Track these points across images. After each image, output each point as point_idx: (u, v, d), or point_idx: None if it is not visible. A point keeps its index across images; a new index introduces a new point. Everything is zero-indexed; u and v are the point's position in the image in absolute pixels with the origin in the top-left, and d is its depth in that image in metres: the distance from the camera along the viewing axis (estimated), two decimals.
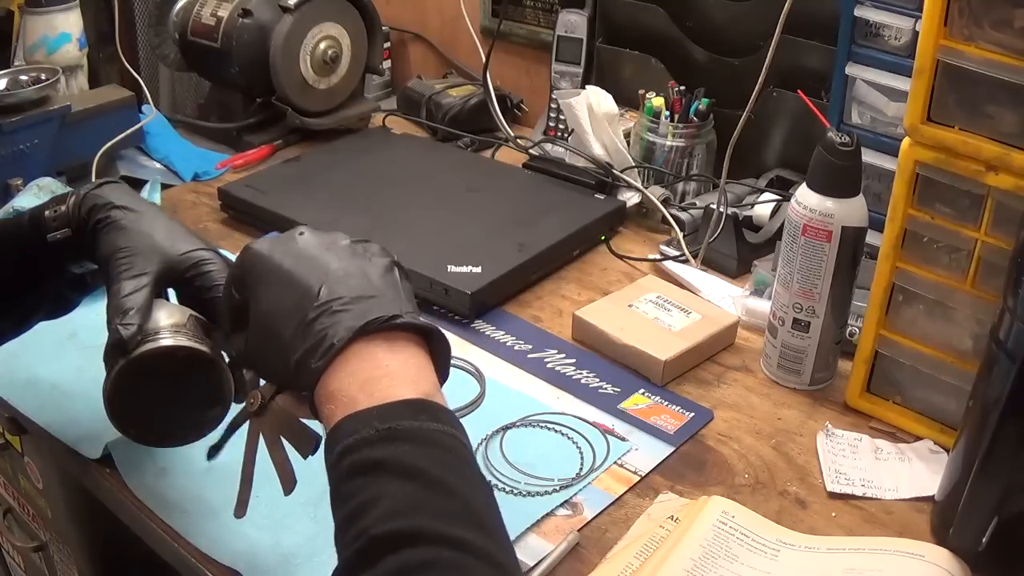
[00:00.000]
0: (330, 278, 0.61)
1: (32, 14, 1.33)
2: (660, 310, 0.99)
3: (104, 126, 1.26)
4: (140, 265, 0.71)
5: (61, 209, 0.75)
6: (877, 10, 0.95)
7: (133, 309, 0.69)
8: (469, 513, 0.52)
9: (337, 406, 0.56)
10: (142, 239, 0.72)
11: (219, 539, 0.74)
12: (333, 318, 0.59)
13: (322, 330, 0.58)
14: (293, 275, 0.61)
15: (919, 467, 0.82)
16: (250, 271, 0.63)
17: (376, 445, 0.53)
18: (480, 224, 1.14)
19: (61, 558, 1.10)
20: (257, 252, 0.63)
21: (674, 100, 1.24)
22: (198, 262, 0.73)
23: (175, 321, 0.70)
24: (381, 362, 0.58)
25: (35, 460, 1.02)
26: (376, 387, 0.56)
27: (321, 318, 0.59)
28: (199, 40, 1.39)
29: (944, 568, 0.70)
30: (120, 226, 0.73)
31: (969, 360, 0.80)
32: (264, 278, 0.62)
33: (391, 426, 0.54)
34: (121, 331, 0.68)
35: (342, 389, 0.57)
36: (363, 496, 0.52)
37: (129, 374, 0.68)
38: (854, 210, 0.85)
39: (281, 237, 0.64)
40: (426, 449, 0.54)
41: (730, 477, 0.82)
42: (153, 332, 0.69)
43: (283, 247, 0.63)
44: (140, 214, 0.74)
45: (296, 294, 0.60)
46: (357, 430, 0.54)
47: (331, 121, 1.43)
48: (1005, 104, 0.73)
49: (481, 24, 1.54)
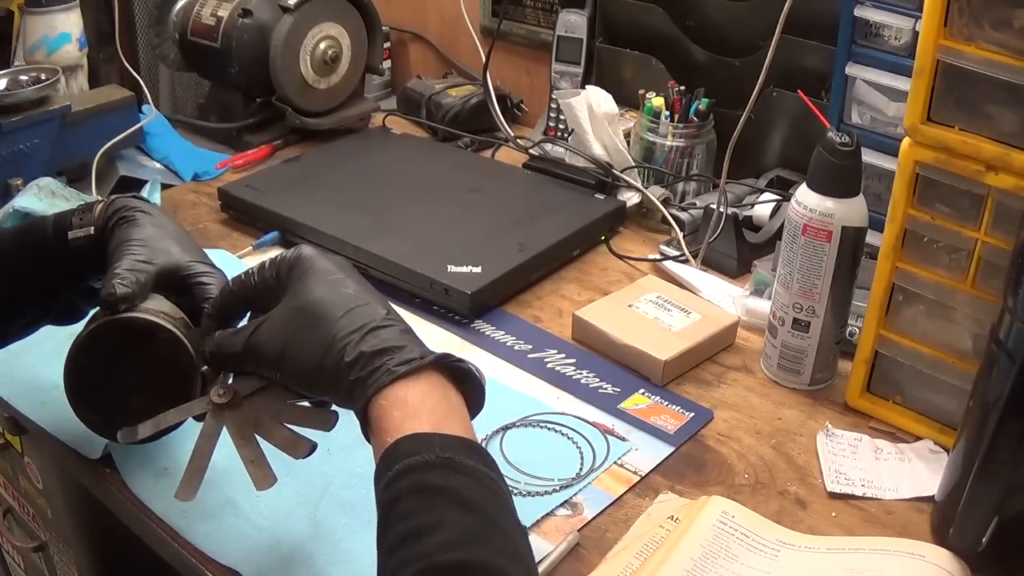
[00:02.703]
0: (389, 305, 0.65)
1: (32, 14, 1.33)
2: (660, 310, 0.99)
3: (104, 126, 1.26)
4: (147, 255, 0.72)
5: (88, 216, 0.76)
6: (877, 10, 0.95)
7: (132, 278, 0.69)
8: (520, 556, 0.53)
9: (404, 418, 0.57)
10: (154, 238, 0.74)
11: (219, 539, 0.74)
12: (407, 336, 0.61)
13: (397, 339, 0.60)
14: (356, 285, 0.64)
15: (919, 467, 0.82)
16: (304, 261, 0.65)
17: (438, 471, 0.54)
18: (480, 224, 1.14)
19: (61, 558, 1.10)
20: (318, 252, 0.66)
21: (674, 100, 1.24)
22: (199, 273, 0.74)
23: (167, 311, 0.70)
24: (449, 393, 0.60)
25: (35, 460, 1.02)
26: (439, 416, 0.58)
27: (393, 329, 0.61)
28: (199, 40, 1.39)
29: (944, 568, 0.70)
30: (137, 223, 0.75)
31: (969, 360, 0.80)
32: (320, 273, 0.64)
33: (452, 456, 0.55)
34: (116, 287, 0.68)
35: (410, 403, 0.58)
36: (422, 519, 0.52)
37: (106, 336, 0.67)
38: (854, 210, 0.85)
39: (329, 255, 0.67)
40: (482, 489, 0.55)
41: (730, 477, 0.82)
42: (144, 310, 0.68)
43: (345, 266, 0.67)
44: (158, 218, 0.76)
45: (355, 300, 0.63)
46: (419, 451, 0.55)
47: (331, 121, 1.43)
48: (1005, 104, 0.73)
49: (481, 24, 1.54)
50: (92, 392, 0.69)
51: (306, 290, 0.64)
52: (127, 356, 0.68)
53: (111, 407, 0.70)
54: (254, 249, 1.15)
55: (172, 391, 0.69)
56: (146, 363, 0.69)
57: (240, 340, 0.65)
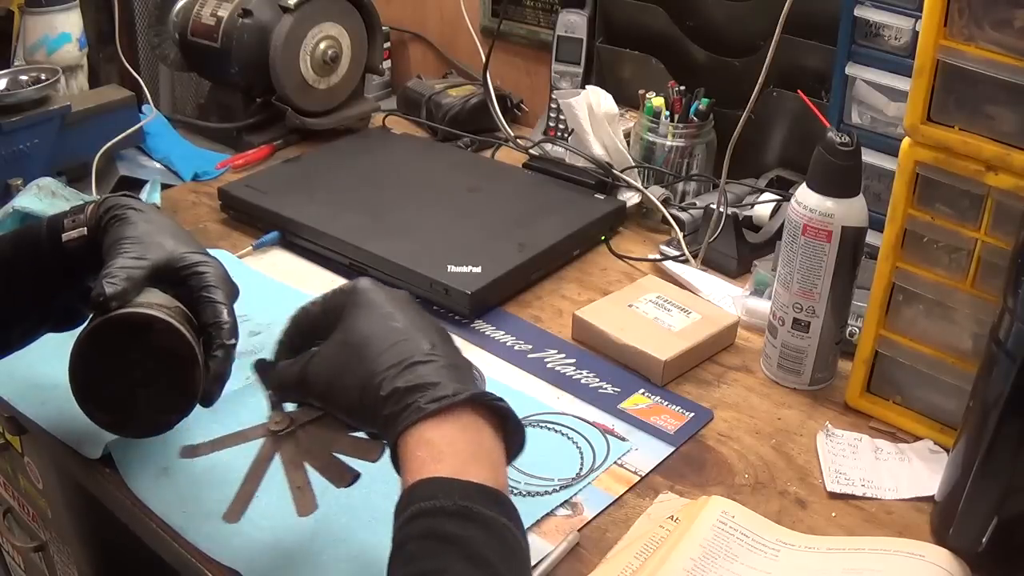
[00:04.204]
0: (442, 340, 0.65)
1: (32, 14, 1.33)
2: (660, 310, 0.99)
3: (104, 126, 1.26)
4: (141, 251, 0.72)
5: (80, 217, 0.76)
6: (877, 10, 0.95)
7: (123, 275, 0.69)
8: None
9: (428, 459, 0.57)
10: (147, 234, 0.74)
11: (219, 539, 0.74)
12: (446, 373, 0.61)
13: (433, 376, 0.60)
14: (406, 319, 0.65)
15: (919, 467, 0.82)
16: (358, 293, 0.66)
17: (453, 519, 0.54)
18: (480, 224, 1.14)
19: (61, 558, 1.10)
20: (374, 285, 0.67)
21: (674, 100, 1.24)
22: (194, 262, 0.74)
23: (161, 302, 0.70)
24: (483, 435, 0.60)
25: (35, 460, 1.02)
26: (465, 459, 0.58)
27: (432, 365, 0.61)
28: (199, 40, 1.39)
29: (944, 568, 0.70)
30: (129, 221, 0.74)
31: (969, 360, 0.80)
32: (371, 306, 0.65)
33: (469, 505, 0.55)
34: (105, 286, 0.68)
35: (436, 444, 0.58)
36: (430, 565, 0.53)
37: (103, 336, 0.67)
38: (854, 210, 0.85)
39: (386, 290, 0.68)
40: (496, 543, 0.55)
41: (730, 477, 0.82)
42: (137, 304, 0.69)
43: (400, 299, 0.67)
44: (150, 214, 0.76)
45: (401, 335, 0.63)
46: (438, 495, 0.55)
47: (331, 121, 1.43)
48: (1005, 104, 0.73)
49: (481, 24, 1.54)
50: (99, 392, 0.70)
51: (355, 323, 0.65)
52: (127, 352, 0.68)
53: (120, 404, 0.70)
54: (254, 249, 1.15)
55: (176, 380, 0.70)
56: (147, 356, 0.69)
57: (294, 371, 0.67)
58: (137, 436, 0.71)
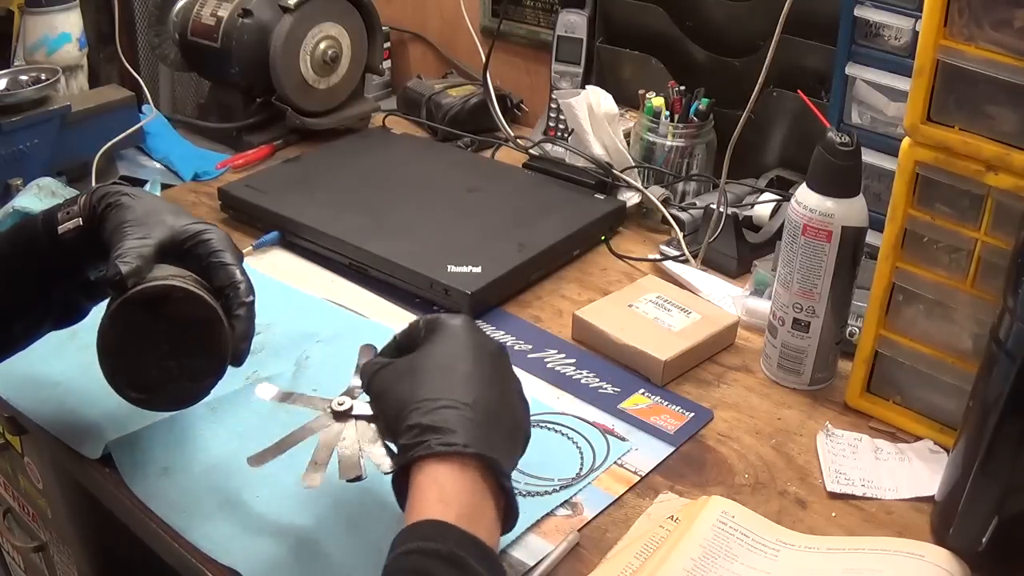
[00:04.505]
0: (495, 399, 0.66)
1: (32, 14, 1.33)
2: (660, 310, 0.99)
3: (104, 126, 1.26)
4: (144, 231, 0.73)
5: (74, 207, 0.76)
6: (877, 10, 0.95)
7: (134, 254, 0.70)
8: None
9: (437, 500, 0.59)
10: (147, 214, 0.74)
11: (219, 539, 0.74)
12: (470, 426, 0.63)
13: (454, 423, 0.62)
14: (468, 365, 0.67)
15: (919, 467, 0.82)
16: (443, 326, 0.70)
17: (445, 563, 0.56)
18: (480, 224, 1.14)
19: (61, 558, 1.11)
20: (462, 324, 0.70)
21: (674, 100, 1.24)
22: (197, 232, 0.75)
23: (174, 273, 0.71)
24: (486, 496, 0.62)
25: (35, 460, 1.02)
26: (470, 511, 0.60)
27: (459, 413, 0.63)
28: (199, 40, 1.39)
29: (944, 568, 0.70)
30: (127, 205, 0.75)
31: (969, 360, 0.80)
32: (446, 342, 0.68)
33: (463, 556, 0.57)
34: (120, 266, 0.69)
35: (447, 488, 0.60)
36: None
37: (124, 314, 0.68)
38: (854, 210, 0.85)
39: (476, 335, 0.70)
40: None
41: (730, 477, 0.82)
42: (152, 278, 0.69)
43: (482, 346, 0.69)
44: (144, 197, 0.77)
45: (453, 377, 0.65)
46: (436, 538, 0.57)
47: (331, 121, 1.43)
48: (1005, 104, 0.73)
49: (481, 24, 1.54)
50: (130, 372, 0.70)
51: (427, 350, 0.69)
52: (152, 327, 0.69)
53: (153, 379, 0.71)
54: (254, 249, 1.15)
55: (204, 343, 0.71)
56: (170, 327, 0.70)
57: (373, 368, 0.70)
58: (174, 408, 0.73)
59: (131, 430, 0.83)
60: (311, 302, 1.05)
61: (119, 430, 0.83)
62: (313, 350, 0.95)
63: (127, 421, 0.84)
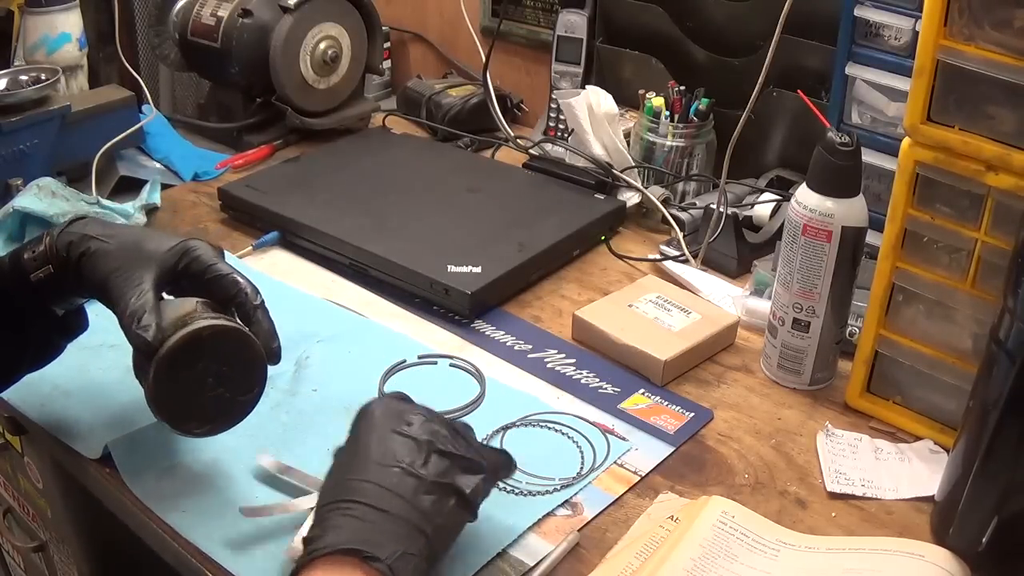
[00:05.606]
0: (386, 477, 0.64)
1: (32, 14, 1.33)
2: (660, 310, 0.99)
3: (104, 126, 1.26)
4: (136, 276, 0.73)
5: (39, 249, 0.76)
6: (877, 10, 0.95)
7: (145, 312, 0.70)
8: None
9: None
10: (128, 254, 0.74)
11: (219, 539, 0.74)
12: (345, 519, 0.61)
13: (331, 525, 0.61)
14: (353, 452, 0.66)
15: (919, 467, 0.82)
16: (364, 418, 0.68)
17: None
18: (480, 224, 1.14)
19: (61, 558, 1.10)
20: (371, 409, 0.69)
21: (674, 100, 1.24)
22: (185, 251, 0.75)
23: (186, 311, 0.72)
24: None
25: (35, 460, 1.02)
26: None
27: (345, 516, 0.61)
28: (199, 40, 1.39)
29: (944, 568, 0.70)
30: (104, 251, 0.74)
31: (969, 360, 0.80)
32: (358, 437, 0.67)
33: None
34: (142, 334, 0.69)
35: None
36: None
37: (165, 373, 0.70)
38: (854, 210, 0.85)
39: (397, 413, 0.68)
40: None
41: (730, 477, 0.82)
42: (172, 328, 0.71)
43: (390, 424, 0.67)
44: (117, 235, 0.76)
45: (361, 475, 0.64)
46: None
47: (331, 121, 1.43)
48: (1005, 104, 0.73)
49: (481, 24, 1.54)
50: (190, 417, 0.73)
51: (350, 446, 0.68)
52: (191, 371, 0.71)
53: (210, 411, 0.73)
54: (254, 249, 1.15)
55: (241, 361, 0.73)
56: (207, 362, 0.71)
57: None
58: (239, 421, 0.75)
59: (131, 430, 0.83)
60: (311, 302, 1.05)
61: (119, 430, 0.83)
62: (313, 350, 0.95)
63: (127, 421, 0.84)
